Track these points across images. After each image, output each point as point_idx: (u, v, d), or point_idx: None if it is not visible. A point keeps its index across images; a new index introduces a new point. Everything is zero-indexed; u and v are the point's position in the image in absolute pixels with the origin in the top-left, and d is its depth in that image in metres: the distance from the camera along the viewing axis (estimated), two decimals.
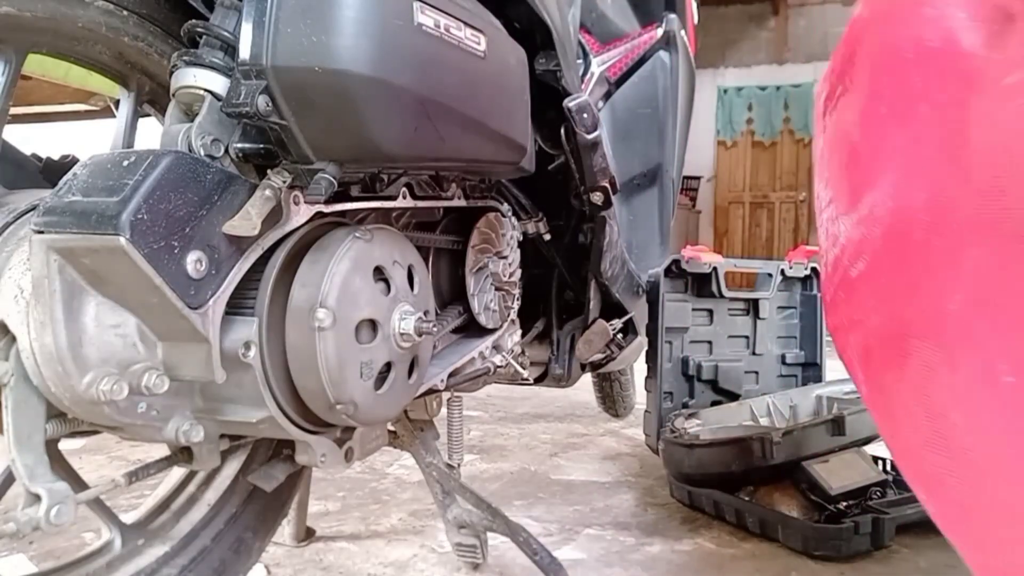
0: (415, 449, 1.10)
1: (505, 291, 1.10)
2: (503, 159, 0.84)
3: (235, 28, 0.63)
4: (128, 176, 0.56)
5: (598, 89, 1.35)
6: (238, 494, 0.88)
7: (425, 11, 0.67)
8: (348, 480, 1.61)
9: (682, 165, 1.60)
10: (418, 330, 0.76)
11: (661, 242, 1.49)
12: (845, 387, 1.70)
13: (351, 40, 0.61)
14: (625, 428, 2.22)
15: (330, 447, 0.77)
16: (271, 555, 1.20)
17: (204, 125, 0.63)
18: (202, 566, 0.83)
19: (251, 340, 0.65)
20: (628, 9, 1.51)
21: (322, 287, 0.68)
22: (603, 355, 1.39)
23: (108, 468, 1.67)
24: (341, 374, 0.69)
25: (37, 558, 1.17)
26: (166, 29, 0.75)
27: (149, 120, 0.82)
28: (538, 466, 1.79)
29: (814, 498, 1.31)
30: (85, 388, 0.56)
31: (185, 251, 0.58)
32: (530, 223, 1.15)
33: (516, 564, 1.17)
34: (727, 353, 1.77)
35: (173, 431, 0.64)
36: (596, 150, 1.01)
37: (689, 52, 1.54)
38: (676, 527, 1.39)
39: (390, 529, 1.34)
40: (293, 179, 0.66)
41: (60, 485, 0.60)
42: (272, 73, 0.60)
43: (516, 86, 0.84)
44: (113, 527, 0.78)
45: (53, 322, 0.55)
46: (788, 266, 1.82)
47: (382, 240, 0.75)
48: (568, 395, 2.63)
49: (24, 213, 0.63)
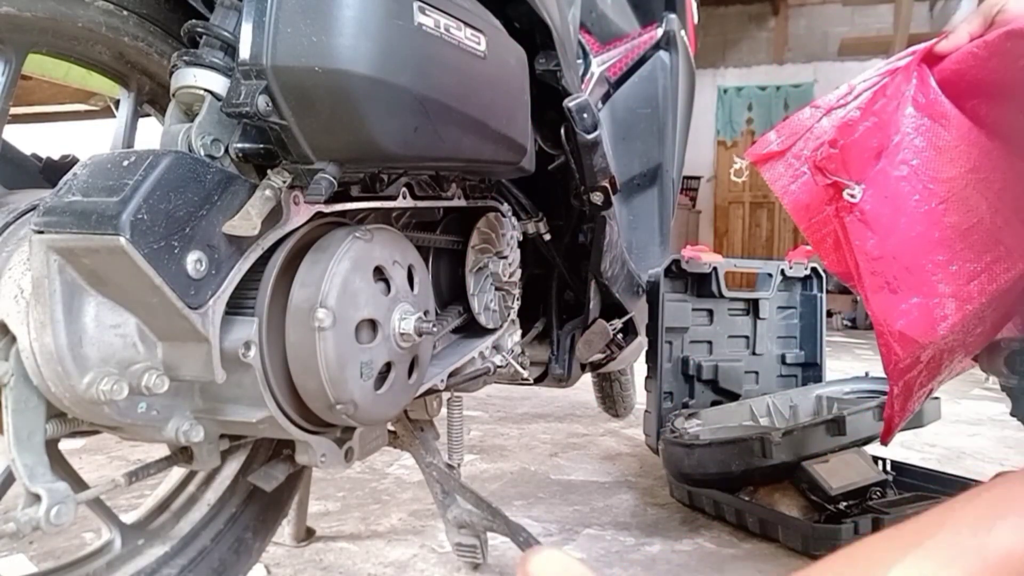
0: (415, 449, 1.10)
1: (505, 291, 1.10)
2: (503, 159, 0.84)
3: (235, 28, 0.63)
4: (128, 176, 0.56)
5: (598, 89, 1.35)
6: (238, 494, 0.88)
7: (425, 11, 0.67)
8: (348, 480, 1.61)
9: (682, 165, 1.60)
10: (418, 330, 0.76)
11: (661, 242, 1.49)
12: (845, 387, 1.71)
13: (351, 40, 0.61)
14: (625, 428, 2.22)
15: (330, 447, 0.77)
16: (271, 555, 1.20)
17: (204, 125, 0.63)
18: (202, 566, 0.83)
19: (251, 340, 0.65)
20: (628, 9, 1.51)
21: (322, 287, 0.68)
22: (603, 355, 1.39)
23: (108, 468, 1.67)
24: (341, 374, 0.69)
25: (37, 558, 1.17)
26: (166, 29, 0.75)
27: (149, 120, 0.81)
28: (538, 466, 1.79)
29: (814, 498, 1.31)
30: (85, 388, 0.56)
31: (185, 251, 0.58)
32: (530, 223, 1.15)
33: (516, 564, 1.17)
34: (727, 353, 1.77)
35: (173, 431, 0.64)
36: (596, 150, 1.01)
37: (689, 52, 1.54)
38: (676, 527, 1.39)
39: (390, 529, 1.34)
40: (293, 179, 0.66)
41: (60, 485, 0.60)
42: (272, 73, 0.60)
43: (516, 86, 0.84)
44: (113, 527, 0.78)
45: (53, 322, 0.55)
46: (788, 266, 1.82)
47: (382, 240, 0.75)
48: (568, 395, 2.63)
49: (24, 213, 0.63)
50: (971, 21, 0.83)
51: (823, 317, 1.86)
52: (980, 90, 0.84)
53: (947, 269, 0.85)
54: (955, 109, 0.86)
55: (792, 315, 1.88)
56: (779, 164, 0.93)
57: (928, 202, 0.85)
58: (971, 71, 0.83)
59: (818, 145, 0.88)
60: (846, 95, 0.91)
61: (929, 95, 0.86)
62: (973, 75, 0.83)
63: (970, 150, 0.85)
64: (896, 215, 0.85)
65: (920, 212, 0.85)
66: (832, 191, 0.85)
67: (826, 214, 0.89)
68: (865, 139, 0.85)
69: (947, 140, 0.85)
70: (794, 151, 0.93)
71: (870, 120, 0.85)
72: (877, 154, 0.86)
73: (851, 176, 0.84)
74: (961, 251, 0.85)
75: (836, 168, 0.84)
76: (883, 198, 0.85)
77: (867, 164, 0.85)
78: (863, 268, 0.85)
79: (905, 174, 0.85)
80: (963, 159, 0.85)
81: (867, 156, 0.85)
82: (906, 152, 0.85)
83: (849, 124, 0.87)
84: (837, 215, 0.86)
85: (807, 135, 0.92)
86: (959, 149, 0.85)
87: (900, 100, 0.86)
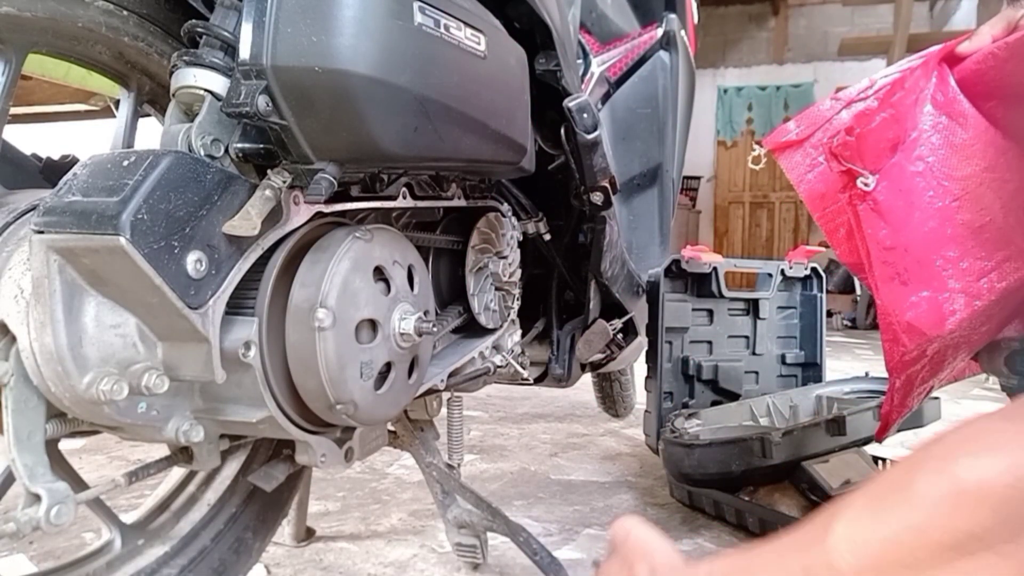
0: (415, 449, 1.10)
1: (505, 291, 1.10)
2: (503, 159, 0.84)
3: (235, 28, 0.63)
4: (128, 176, 0.56)
5: (598, 89, 1.35)
6: (238, 494, 0.88)
7: (425, 11, 0.67)
8: (348, 480, 1.61)
9: (682, 165, 1.60)
10: (418, 330, 0.76)
11: (661, 242, 1.49)
12: (845, 387, 1.71)
13: (351, 40, 0.61)
14: (625, 428, 2.22)
15: (330, 447, 0.77)
16: (271, 555, 1.20)
17: (204, 125, 0.63)
18: (202, 566, 0.83)
19: (251, 340, 0.65)
20: (628, 9, 1.51)
21: (322, 287, 0.68)
22: (603, 355, 1.39)
23: (108, 468, 1.67)
24: (341, 374, 0.69)
25: (37, 558, 1.17)
26: (166, 29, 0.75)
27: (149, 120, 0.82)
28: (538, 466, 1.79)
29: (814, 498, 1.31)
30: (85, 388, 0.56)
31: (185, 251, 0.58)
32: (530, 223, 1.15)
33: (516, 564, 1.17)
34: (727, 353, 1.77)
35: (173, 431, 0.64)
36: (596, 150, 1.01)
37: (689, 52, 1.54)
38: (676, 527, 1.39)
39: (390, 529, 1.34)
40: (293, 179, 0.66)
41: (60, 485, 0.60)
42: (272, 73, 0.60)
43: (516, 86, 0.84)
44: (113, 527, 0.78)
45: (53, 322, 0.55)
46: (788, 266, 1.82)
47: (382, 240, 0.75)
48: (568, 395, 2.63)
49: (24, 213, 0.63)
50: (994, 24, 0.84)
51: (823, 317, 1.86)
52: (998, 91, 0.84)
53: (958, 265, 0.85)
54: (973, 109, 0.86)
55: (792, 315, 1.88)
56: (796, 153, 0.94)
57: (942, 199, 0.85)
58: (990, 72, 0.83)
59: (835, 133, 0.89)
60: (866, 89, 0.92)
61: (948, 93, 0.86)
62: (992, 76, 0.84)
63: (986, 150, 0.85)
64: (910, 209, 0.85)
65: (934, 208, 0.85)
66: (846, 178, 0.85)
67: (840, 204, 0.89)
68: (881, 130, 0.85)
69: (963, 139, 0.85)
70: (812, 141, 0.94)
71: (887, 111, 0.85)
72: (893, 146, 0.86)
73: (866, 165, 0.84)
74: (972, 248, 0.85)
75: (851, 156, 0.84)
76: (897, 191, 0.85)
77: (882, 155, 0.85)
78: (874, 257, 0.85)
79: (920, 170, 0.85)
80: (978, 158, 0.85)
81: (882, 147, 0.85)
82: (922, 148, 0.85)
83: (866, 113, 0.87)
84: (850, 203, 0.86)
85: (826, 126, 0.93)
86: (975, 148, 0.85)
87: (918, 96, 0.86)
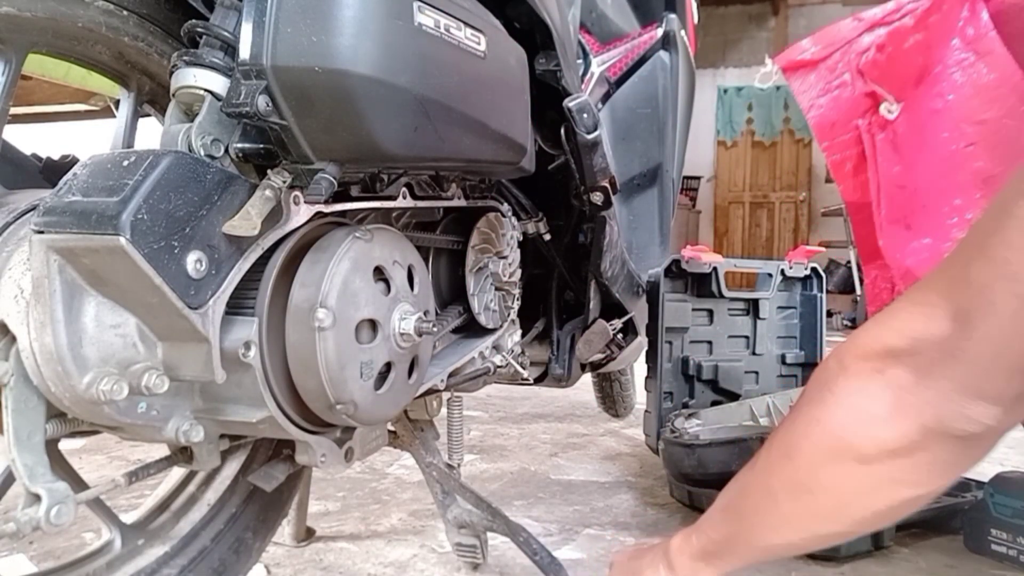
0: (415, 449, 1.10)
1: (505, 291, 1.10)
2: (503, 159, 0.84)
3: (235, 28, 0.63)
4: (128, 176, 0.56)
5: (598, 89, 1.35)
6: (238, 494, 0.88)
7: (425, 11, 0.67)
8: (348, 480, 1.61)
9: (682, 165, 1.60)
10: (418, 330, 0.76)
11: (661, 242, 1.49)
12: None
13: (351, 40, 0.61)
14: (625, 428, 2.22)
15: (330, 447, 0.77)
16: (271, 555, 1.20)
17: (204, 125, 0.63)
18: (202, 566, 0.83)
19: (251, 340, 0.65)
20: (628, 9, 1.51)
21: (322, 287, 0.68)
22: (603, 355, 1.39)
23: (108, 468, 1.67)
24: (341, 374, 0.69)
25: (37, 558, 1.17)
26: (166, 29, 0.75)
27: (149, 120, 0.82)
28: (538, 466, 1.79)
29: None
30: (85, 388, 0.56)
31: (185, 251, 0.58)
32: (530, 223, 1.15)
33: (516, 564, 1.17)
34: (727, 353, 1.77)
35: (173, 431, 0.64)
36: (596, 150, 1.01)
37: (689, 52, 1.54)
38: (676, 527, 1.38)
39: (390, 529, 1.34)
40: (293, 179, 0.66)
41: (60, 485, 0.60)
42: (272, 73, 0.60)
43: (516, 86, 0.84)
44: (113, 527, 0.78)
45: (53, 322, 0.55)
46: (788, 266, 1.82)
47: (382, 240, 0.75)
48: (568, 395, 2.63)
49: (24, 213, 0.63)
50: None
51: (823, 317, 1.86)
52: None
53: (963, 215, 0.83)
54: (1003, 48, 0.81)
55: (792, 315, 1.88)
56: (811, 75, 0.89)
57: (957, 142, 0.82)
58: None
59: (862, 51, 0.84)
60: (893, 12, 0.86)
61: (979, 28, 0.82)
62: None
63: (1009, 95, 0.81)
64: (924, 149, 0.82)
65: (948, 150, 0.82)
66: (869, 102, 0.81)
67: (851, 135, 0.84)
68: (913, 53, 0.81)
69: (988, 80, 0.82)
70: (828, 63, 0.88)
71: (921, 33, 0.81)
72: (920, 75, 0.82)
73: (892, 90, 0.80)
74: (979, 200, 0.83)
75: (879, 76, 0.80)
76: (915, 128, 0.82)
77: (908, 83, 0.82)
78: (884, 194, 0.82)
79: (939, 107, 0.82)
80: (1000, 103, 0.81)
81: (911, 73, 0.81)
82: (944, 84, 0.82)
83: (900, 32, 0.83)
84: (869, 131, 0.82)
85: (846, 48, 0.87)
86: (999, 92, 0.81)
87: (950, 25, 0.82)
